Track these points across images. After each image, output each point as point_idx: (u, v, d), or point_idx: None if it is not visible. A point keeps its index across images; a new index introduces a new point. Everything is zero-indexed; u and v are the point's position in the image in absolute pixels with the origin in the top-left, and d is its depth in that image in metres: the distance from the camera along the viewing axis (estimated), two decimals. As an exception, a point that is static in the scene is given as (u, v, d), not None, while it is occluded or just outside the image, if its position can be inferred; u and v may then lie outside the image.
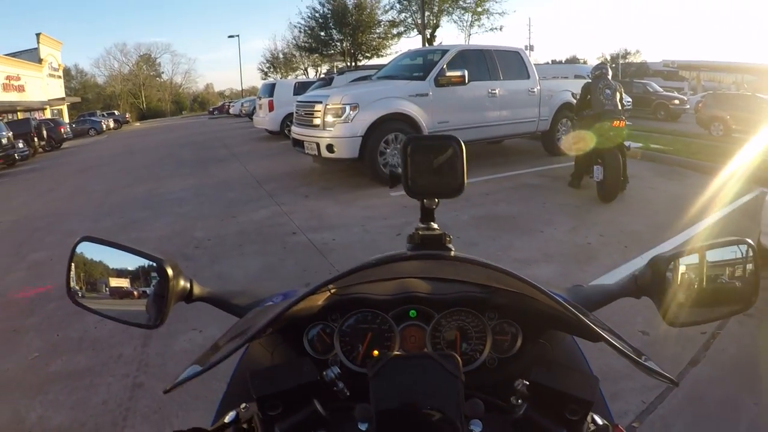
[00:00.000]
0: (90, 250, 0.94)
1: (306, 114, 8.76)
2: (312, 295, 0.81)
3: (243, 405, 0.77)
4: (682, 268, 0.92)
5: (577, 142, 7.58)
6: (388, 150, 8.20)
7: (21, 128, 22.02)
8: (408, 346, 0.95)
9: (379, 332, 0.96)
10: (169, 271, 0.91)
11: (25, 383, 3.41)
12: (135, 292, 0.94)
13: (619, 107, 7.23)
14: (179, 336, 3.77)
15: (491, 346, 0.96)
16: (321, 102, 8.32)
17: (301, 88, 16.99)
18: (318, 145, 8.29)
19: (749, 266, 0.93)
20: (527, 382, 0.73)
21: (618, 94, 7.28)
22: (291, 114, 15.69)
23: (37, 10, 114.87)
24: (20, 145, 19.94)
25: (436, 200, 0.90)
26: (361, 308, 0.96)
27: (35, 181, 14.38)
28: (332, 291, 0.96)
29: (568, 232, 5.83)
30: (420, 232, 0.87)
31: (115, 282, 0.94)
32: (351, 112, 7.94)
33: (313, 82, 18.47)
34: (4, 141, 18.28)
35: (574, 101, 8.99)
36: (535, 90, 10.23)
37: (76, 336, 3.93)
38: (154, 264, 0.92)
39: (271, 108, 17.32)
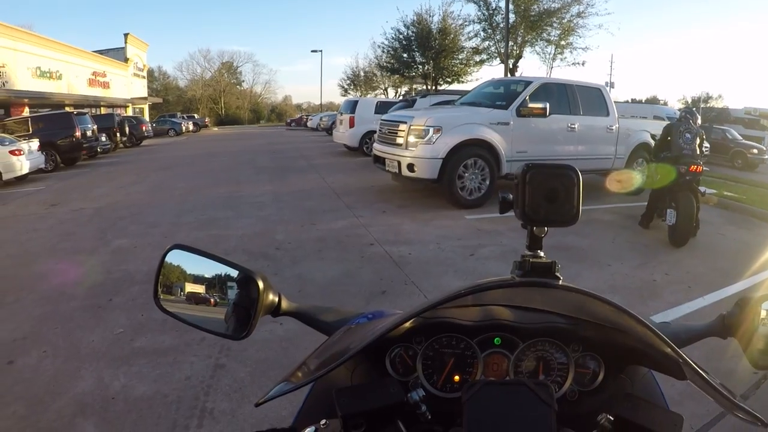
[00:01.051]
0: (180, 258, 0.97)
1: (390, 132, 9.12)
2: (410, 318, 0.81)
3: (323, 421, 0.77)
4: None
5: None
6: (466, 174, 8.42)
7: (105, 123, 23.34)
8: (490, 374, 0.95)
9: (461, 357, 0.95)
10: (260, 284, 0.93)
11: (109, 355, 3.74)
12: (218, 302, 0.96)
13: (698, 152, 7.22)
14: (260, 326, 4.08)
15: (573, 379, 0.96)
16: (405, 122, 8.65)
17: (382, 107, 17.47)
18: (399, 163, 8.60)
19: None
20: (611, 417, 0.73)
21: (698, 139, 7.28)
22: (371, 131, 16.30)
23: (126, 12, 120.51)
24: (103, 138, 21.05)
25: (546, 229, 0.88)
26: (446, 332, 0.95)
27: (116, 174, 15.13)
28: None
29: (635, 268, 5.90)
30: (530, 260, 0.85)
31: (201, 290, 0.96)
32: (434, 134, 8.21)
33: (395, 103, 18.86)
34: (89, 133, 19.20)
35: (652, 141, 9.00)
36: (614, 128, 10.26)
37: (160, 317, 4.16)
38: (244, 275, 0.94)
39: (351, 124, 17.75)
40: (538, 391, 0.71)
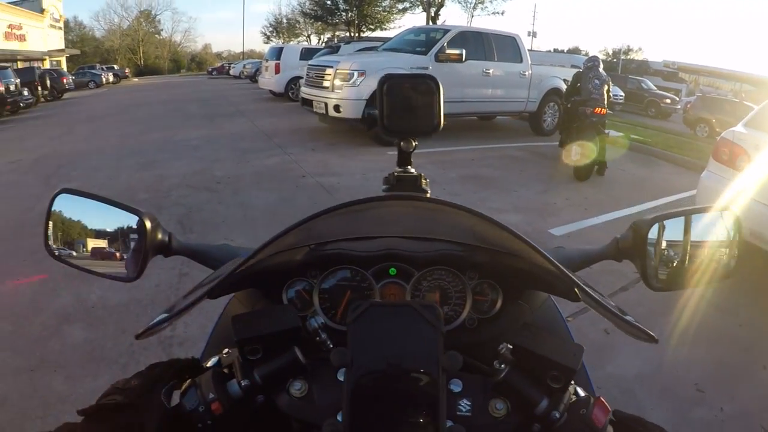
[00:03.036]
0: (69, 203, 0.95)
1: (317, 77, 9.63)
2: (283, 237, 0.78)
3: (225, 350, 0.78)
4: (664, 233, 0.92)
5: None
6: (389, 114, 9.00)
7: (26, 77, 22.25)
8: None
9: (358, 289, 0.95)
10: (148, 224, 0.90)
11: (82, 275, 4.22)
12: (114, 246, 0.94)
13: (605, 97, 7.88)
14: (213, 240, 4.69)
15: (471, 307, 0.95)
16: (332, 67, 9.20)
17: (307, 53, 17.73)
18: (326, 104, 9.18)
19: (733, 234, 0.93)
20: (511, 346, 0.73)
21: (606, 86, 7.94)
22: (296, 77, 16.60)
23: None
24: (25, 93, 20.37)
25: (414, 143, 0.89)
26: (341, 265, 0.96)
27: (44, 126, 14.82)
28: (311, 246, 0.96)
29: (538, 194, 6.79)
30: (396, 173, 0.87)
31: (94, 236, 0.94)
32: (358, 78, 8.81)
33: (319, 49, 19.19)
34: (12, 88, 18.74)
35: (563, 87, 9.85)
36: (527, 73, 11.12)
37: None
38: (134, 216, 0.91)
39: (277, 70, 17.94)
40: (423, 312, 0.71)
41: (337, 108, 9.01)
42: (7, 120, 17.25)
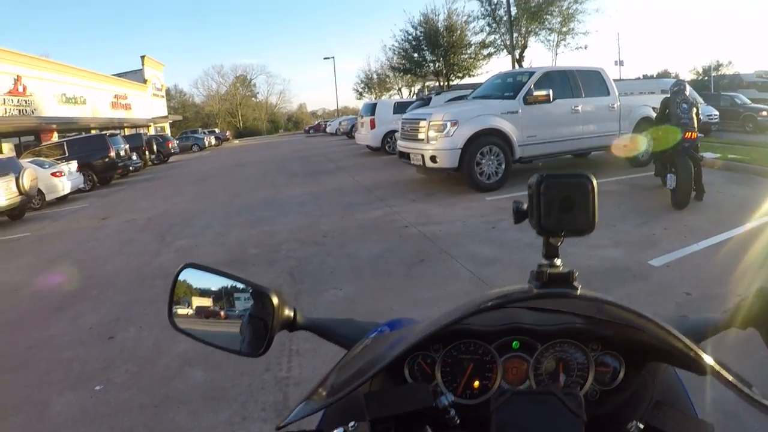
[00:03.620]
0: (193, 277, 0.98)
1: (411, 129, 10.13)
2: (430, 335, 0.80)
3: (352, 423, 0.78)
4: None
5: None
6: (483, 161, 9.37)
7: (134, 142, 24.60)
8: (510, 378, 0.94)
9: (480, 363, 0.94)
10: (275, 300, 0.92)
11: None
12: (233, 319, 0.96)
13: (695, 121, 7.80)
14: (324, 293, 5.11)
15: (593, 378, 0.95)
16: (425, 119, 9.65)
17: (400, 107, 18.43)
18: (422, 156, 9.60)
19: None
20: (642, 426, 0.73)
21: (694, 109, 7.87)
22: (391, 131, 17.43)
23: (140, 34, 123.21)
24: (134, 157, 22.16)
25: (562, 237, 0.86)
26: (464, 338, 0.95)
27: (154, 188, 16.06)
28: None
29: (637, 227, 6.79)
30: (547, 270, 0.84)
31: (215, 307, 0.97)
32: (451, 128, 9.19)
33: (411, 102, 19.73)
34: (122, 153, 20.34)
35: (653, 115, 9.83)
36: (615, 106, 11.12)
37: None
38: (259, 291, 0.94)
39: (372, 126, 18.69)
40: (567, 401, 0.72)
41: (433, 159, 9.38)
42: (119, 183, 18.96)
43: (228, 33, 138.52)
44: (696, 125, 7.78)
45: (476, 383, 0.92)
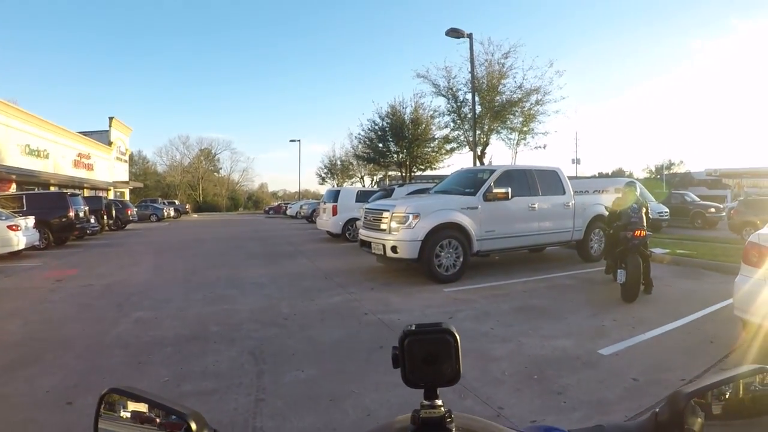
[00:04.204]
0: (118, 402, 0.95)
1: (374, 219, 10.37)
2: None
3: None
4: (705, 401, 0.92)
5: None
6: (442, 253, 9.60)
7: (93, 205, 23.77)
8: None
9: None
10: (193, 426, 0.91)
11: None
12: None
13: (644, 220, 8.32)
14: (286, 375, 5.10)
15: None
16: (388, 210, 9.92)
17: (362, 195, 18.92)
18: (384, 246, 9.80)
19: None
20: None
21: (644, 208, 8.41)
22: (352, 219, 17.81)
23: (111, 94, 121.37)
24: (92, 220, 21.67)
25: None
26: None
27: (111, 255, 15.66)
28: None
29: (588, 318, 7.07)
30: (422, 414, 0.87)
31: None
32: (413, 220, 9.46)
33: (374, 191, 20.31)
34: (81, 214, 19.93)
35: (606, 213, 10.31)
36: (570, 204, 11.68)
37: (198, 370, 5.13)
38: (178, 418, 0.92)
39: (334, 212, 18.94)
40: None
41: (394, 249, 9.58)
42: (74, 245, 18.35)
43: (198, 106, 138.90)
44: (645, 223, 8.26)
45: None
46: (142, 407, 0.93)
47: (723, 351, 5.56)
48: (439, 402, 0.89)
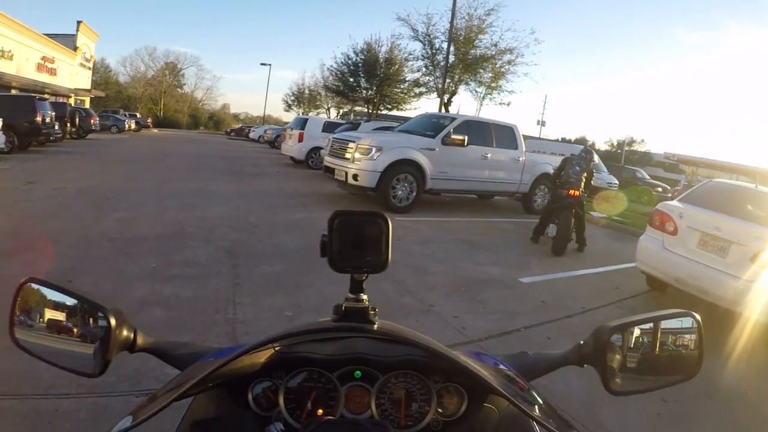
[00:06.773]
0: (36, 293, 0.93)
1: (340, 149, 11.17)
2: (252, 352, 0.82)
3: None
4: (626, 338, 0.95)
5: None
6: (398, 186, 10.53)
7: (58, 111, 22.30)
8: (352, 406, 0.94)
9: (323, 391, 0.94)
10: (113, 321, 0.89)
11: (152, 277, 5.18)
12: (79, 339, 0.91)
13: (581, 182, 8.92)
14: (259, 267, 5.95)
15: (436, 409, 0.95)
16: (354, 141, 10.72)
17: (329, 126, 19.34)
18: (346, 173, 10.62)
19: (694, 337, 0.96)
20: None
21: (585, 173, 9.00)
22: (317, 147, 18.39)
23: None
24: (56, 127, 20.56)
25: (366, 274, 0.90)
26: (306, 367, 0.94)
27: (79, 162, 15.27)
28: (276, 349, 0.95)
29: (517, 255, 8.20)
30: (345, 305, 0.87)
31: (59, 328, 0.92)
32: (376, 153, 10.28)
33: (340, 123, 20.76)
34: (48, 120, 19.03)
35: (552, 172, 11.25)
36: (521, 159, 12.64)
37: (181, 260, 5.79)
38: (97, 311, 0.90)
39: (300, 139, 19.33)
40: (373, 430, 0.77)
41: (355, 177, 10.37)
42: (37, 151, 17.84)
43: (171, 16, 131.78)
44: (581, 185, 8.94)
45: (320, 411, 0.93)
46: (63, 300, 0.92)
47: (624, 296, 6.71)
48: (364, 296, 0.91)
